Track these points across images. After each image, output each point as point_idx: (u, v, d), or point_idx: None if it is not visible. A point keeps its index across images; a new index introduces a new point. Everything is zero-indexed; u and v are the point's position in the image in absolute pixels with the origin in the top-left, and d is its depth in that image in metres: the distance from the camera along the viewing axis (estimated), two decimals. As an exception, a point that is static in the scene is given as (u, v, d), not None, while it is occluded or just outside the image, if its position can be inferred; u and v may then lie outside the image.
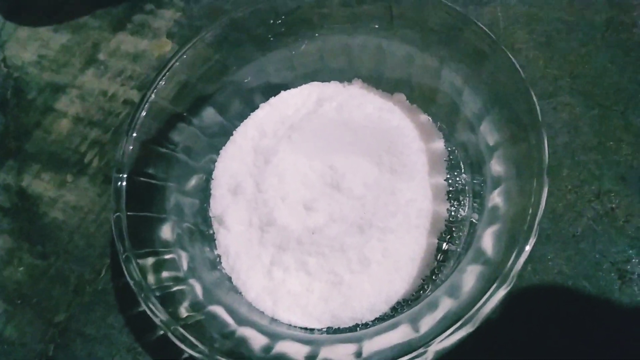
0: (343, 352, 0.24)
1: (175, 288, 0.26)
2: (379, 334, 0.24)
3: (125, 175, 0.27)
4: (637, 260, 0.29)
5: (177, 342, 0.24)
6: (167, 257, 0.27)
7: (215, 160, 0.32)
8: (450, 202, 0.30)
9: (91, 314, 0.32)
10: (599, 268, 0.29)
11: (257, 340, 0.25)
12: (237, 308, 0.27)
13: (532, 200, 0.22)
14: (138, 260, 0.26)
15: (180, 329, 0.24)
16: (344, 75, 0.33)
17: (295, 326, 0.28)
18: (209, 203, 0.31)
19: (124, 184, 0.27)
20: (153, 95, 0.28)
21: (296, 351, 0.24)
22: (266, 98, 0.33)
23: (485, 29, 0.25)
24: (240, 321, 0.26)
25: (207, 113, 0.31)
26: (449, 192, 0.30)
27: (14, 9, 0.43)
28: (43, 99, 0.39)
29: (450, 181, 0.30)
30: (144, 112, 0.28)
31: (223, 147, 0.32)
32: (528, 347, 0.28)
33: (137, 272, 0.25)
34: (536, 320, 0.28)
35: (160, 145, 0.29)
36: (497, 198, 0.25)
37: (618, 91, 0.33)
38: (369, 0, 0.29)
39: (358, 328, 0.28)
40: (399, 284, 0.28)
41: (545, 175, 0.23)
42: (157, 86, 0.28)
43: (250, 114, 0.33)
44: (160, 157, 0.29)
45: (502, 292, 0.22)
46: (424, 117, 0.31)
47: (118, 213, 0.26)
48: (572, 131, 0.32)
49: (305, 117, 0.31)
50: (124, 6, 0.41)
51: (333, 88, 0.33)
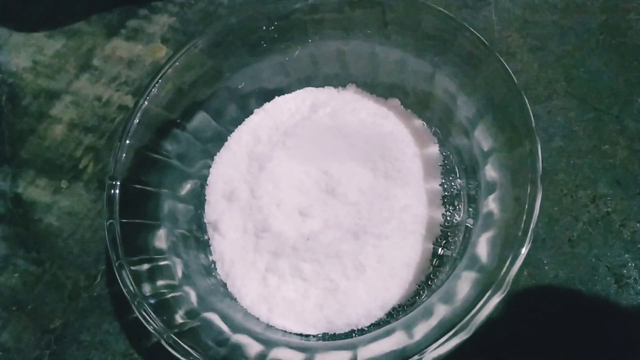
0: (338, 359, 0.24)
1: (170, 295, 0.26)
2: (373, 341, 0.24)
3: (118, 183, 0.27)
4: (633, 264, 0.29)
5: (171, 350, 0.24)
6: (161, 264, 0.27)
7: (209, 166, 0.32)
8: (446, 207, 0.30)
9: (87, 320, 0.32)
10: (595, 272, 0.29)
11: (252, 348, 0.25)
12: (232, 315, 0.27)
13: (526, 207, 0.22)
14: (132, 268, 0.26)
15: (174, 337, 0.24)
16: (338, 81, 0.33)
17: (291, 332, 0.28)
18: (204, 209, 0.31)
19: (117, 191, 0.27)
20: (146, 102, 0.28)
21: (291, 358, 0.24)
22: (260, 104, 0.33)
23: (478, 35, 0.25)
24: (235, 328, 0.26)
25: (201, 119, 0.31)
26: (444, 197, 0.30)
27: (8, 14, 0.43)
28: (38, 105, 0.39)
29: (445, 186, 0.30)
30: (136, 119, 0.28)
31: (217, 153, 0.32)
32: (525, 352, 0.28)
33: (130, 279, 0.25)
34: (533, 325, 0.28)
35: (154, 152, 0.29)
36: (491, 204, 0.25)
37: (613, 95, 0.33)
38: (362, 6, 0.28)
39: (354, 334, 0.27)
40: (394, 290, 0.28)
41: (540, 182, 0.23)
42: (150, 93, 0.28)
43: (244, 120, 0.33)
44: (154, 163, 0.29)
45: (496, 299, 0.22)
46: (419, 122, 0.31)
47: (111, 220, 0.26)
48: (567, 135, 0.32)
49: (299, 123, 0.31)
50: (118, 12, 0.41)
51: (327, 93, 0.33)
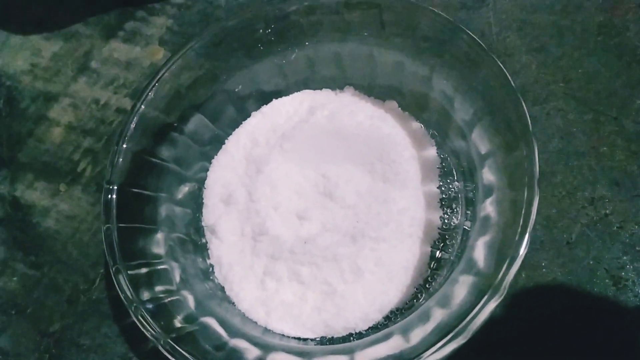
0: (335, 364, 0.24)
1: (168, 300, 0.26)
2: (371, 345, 0.24)
3: (115, 187, 0.27)
4: (631, 267, 0.29)
5: (168, 355, 0.24)
6: (159, 268, 0.27)
7: (207, 169, 0.32)
8: (443, 209, 0.30)
9: (85, 323, 0.32)
10: (594, 274, 0.29)
11: (250, 352, 0.25)
12: (230, 319, 0.27)
13: (523, 211, 0.22)
14: (129, 272, 0.26)
15: (171, 342, 0.24)
16: (336, 83, 0.33)
17: (289, 336, 0.28)
18: (202, 213, 0.31)
19: (114, 195, 0.27)
20: (143, 106, 0.28)
21: (288, 363, 0.24)
22: (258, 106, 0.33)
23: (475, 38, 0.25)
24: (233, 333, 0.26)
25: (198, 122, 0.31)
26: (441, 199, 0.30)
27: (5, 17, 0.43)
28: (35, 108, 0.39)
29: (443, 189, 0.30)
30: (133, 123, 0.28)
31: (215, 156, 0.32)
32: (523, 354, 0.28)
33: (127, 284, 0.25)
34: (531, 326, 0.28)
35: (151, 156, 0.29)
36: (488, 207, 0.25)
37: (611, 96, 0.33)
38: (359, 8, 0.28)
39: (352, 337, 0.27)
40: (392, 293, 0.28)
41: (537, 186, 0.23)
42: (147, 97, 0.28)
43: (242, 123, 0.33)
44: (151, 167, 0.29)
45: (493, 304, 0.21)
46: (416, 125, 0.31)
47: (108, 225, 0.26)
48: (566, 137, 0.32)
49: (297, 126, 0.31)
50: (116, 14, 0.41)
51: (325, 96, 0.32)
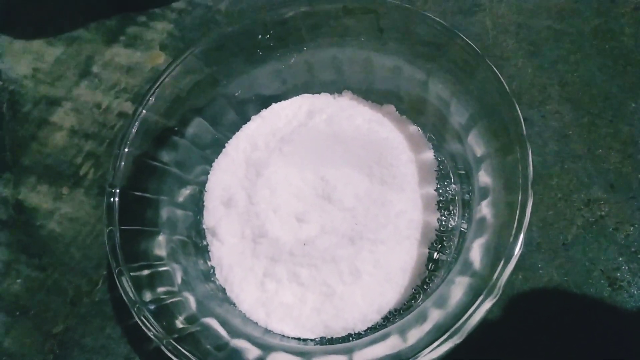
0: (334, 364, 0.24)
1: (170, 301, 0.27)
2: (369, 345, 0.24)
3: (117, 191, 0.27)
4: (626, 268, 0.29)
5: (170, 355, 0.24)
6: (160, 270, 0.28)
7: (207, 172, 0.33)
8: (441, 211, 0.30)
9: (89, 324, 0.33)
10: (589, 275, 0.29)
11: (250, 352, 0.25)
12: (231, 320, 0.27)
13: (517, 213, 0.22)
14: (132, 274, 0.26)
15: (173, 342, 0.24)
16: (334, 87, 0.33)
17: (289, 337, 0.28)
18: (202, 215, 0.32)
19: (117, 199, 0.27)
20: (144, 111, 0.29)
21: (288, 363, 0.24)
22: (257, 110, 0.33)
23: (470, 43, 0.26)
24: (234, 333, 0.26)
25: (198, 126, 0.31)
26: (439, 202, 0.30)
27: (8, 22, 0.43)
28: (38, 112, 0.40)
29: (440, 191, 0.30)
30: (134, 128, 0.28)
31: (215, 160, 0.33)
32: (520, 355, 0.28)
33: (130, 286, 0.25)
34: (527, 327, 0.29)
35: (153, 159, 0.30)
36: (484, 209, 0.25)
37: (606, 99, 0.33)
38: (357, 14, 0.29)
39: (350, 338, 0.28)
40: (390, 294, 0.28)
41: (530, 189, 0.23)
42: (148, 102, 0.29)
43: (242, 126, 0.33)
44: (153, 170, 0.30)
45: (488, 304, 0.22)
46: (414, 128, 0.32)
47: (111, 228, 0.27)
48: (562, 139, 0.32)
49: (296, 130, 0.32)
50: (117, 19, 0.42)
51: (323, 100, 0.33)
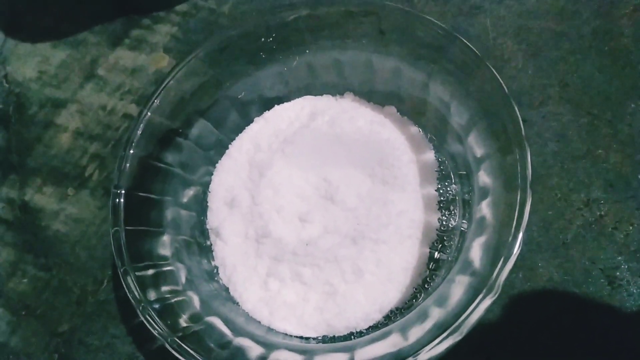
0: (336, 361, 0.24)
1: (174, 300, 0.27)
2: (370, 343, 0.25)
3: (123, 192, 0.28)
4: (625, 267, 0.30)
5: (175, 353, 0.25)
6: (165, 269, 0.28)
7: (211, 173, 0.33)
8: (442, 211, 0.30)
9: (94, 324, 0.33)
10: (589, 275, 0.30)
11: (253, 350, 0.26)
12: (234, 318, 0.28)
13: (516, 213, 0.23)
14: (137, 274, 0.26)
15: (177, 341, 0.24)
16: (336, 89, 0.34)
17: (291, 335, 0.28)
18: (206, 216, 0.32)
19: (122, 199, 0.28)
20: (149, 113, 0.29)
21: (290, 360, 0.25)
22: (260, 112, 0.34)
23: (470, 46, 0.26)
24: (237, 332, 0.26)
25: (202, 127, 0.32)
26: (440, 202, 0.31)
27: (14, 25, 0.44)
28: (44, 114, 0.40)
29: (441, 191, 0.31)
30: (139, 130, 0.29)
31: (219, 161, 0.33)
32: (520, 353, 0.29)
33: (135, 285, 0.26)
34: (527, 326, 0.29)
35: (157, 160, 0.30)
36: (484, 209, 0.26)
37: (606, 99, 0.33)
38: (358, 17, 0.29)
39: (352, 336, 0.28)
40: (392, 294, 0.28)
41: (529, 189, 0.23)
42: (153, 104, 0.29)
43: (245, 128, 0.34)
44: (157, 171, 0.30)
45: (488, 302, 0.22)
46: (415, 129, 0.32)
47: (117, 228, 0.27)
48: (561, 140, 0.33)
49: (298, 131, 0.32)
50: (122, 22, 0.42)
51: (325, 102, 0.33)
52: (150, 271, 0.27)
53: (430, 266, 0.29)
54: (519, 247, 0.23)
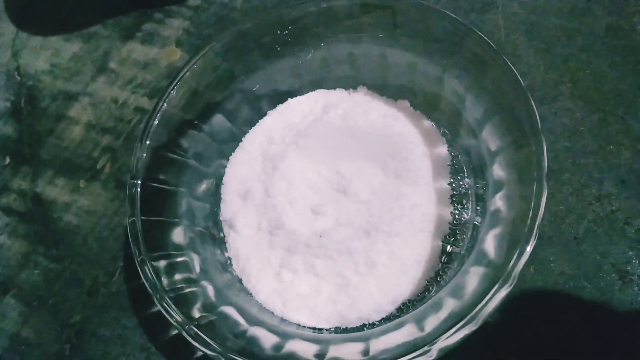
0: (351, 351, 0.24)
1: (188, 290, 0.27)
2: (385, 333, 0.25)
3: (139, 182, 0.28)
4: (637, 262, 0.30)
5: (191, 340, 0.25)
6: (179, 259, 0.28)
7: (224, 166, 0.33)
8: (454, 205, 0.31)
9: (105, 315, 0.33)
10: (600, 269, 0.30)
11: (268, 339, 0.26)
12: (248, 309, 0.28)
13: (532, 204, 0.23)
14: (152, 263, 0.27)
15: (194, 329, 0.25)
16: (349, 83, 0.34)
17: (304, 326, 0.29)
18: (220, 207, 0.32)
19: (139, 190, 0.28)
20: (165, 104, 0.29)
21: (306, 350, 0.25)
22: (274, 105, 0.34)
23: (485, 39, 0.26)
24: (251, 321, 0.27)
25: (216, 120, 0.32)
26: (452, 195, 0.31)
27: (27, 18, 0.44)
28: (56, 107, 0.40)
29: (453, 185, 0.31)
30: (156, 120, 0.29)
31: (232, 153, 0.33)
32: (530, 346, 0.29)
33: (151, 274, 0.26)
34: (538, 319, 0.29)
35: (172, 152, 0.30)
36: (498, 202, 0.26)
37: (617, 96, 0.34)
38: (373, 10, 0.29)
39: (365, 328, 0.28)
40: (404, 286, 0.29)
41: (545, 181, 0.23)
42: (169, 95, 0.29)
43: (258, 121, 0.34)
44: (172, 163, 0.30)
45: (503, 292, 0.22)
46: (428, 123, 0.32)
47: (133, 218, 0.27)
48: (573, 136, 0.33)
49: (311, 124, 0.32)
50: (134, 15, 0.42)
51: (338, 95, 0.33)
52: (165, 261, 0.27)
53: (443, 259, 0.30)
54: (535, 238, 0.23)
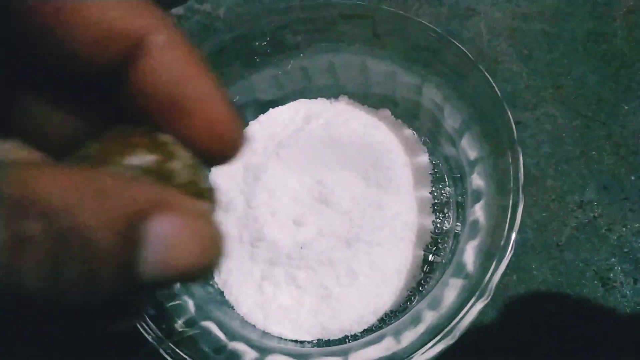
0: (330, 365, 0.24)
1: (169, 305, 0.27)
2: (364, 347, 0.25)
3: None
4: (619, 268, 0.30)
5: (169, 358, 0.25)
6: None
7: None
8: (435, 214, 0.30)
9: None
10: (583, 276, 0.30)
11: (248, 355, 0.26)
12: (229, 322, 0.28)
13: (508, 217, 0.23)
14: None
15: (172, 346, 0.24)
16: (331, 92, 0.34)
17: (286, 339, 0.28)
18: (201, 219, 0.32)
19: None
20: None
21: (285, 364, 0.25)
22: (255, 115, 0.34)
23: (463, 49, 0.26)
24: (232, 336, 0.26)
25: (197, 131, 0.32)
26: (434, 204, 0.31)
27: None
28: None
29: (435, 194, 0.31)
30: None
31: (214, 164, 0.33)
32: (514, 354, 0.29)
33: (130, 290, 0.26)
34: (521, 328, 0.29)
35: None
36: (477, 212, 0.26)
37: (600, 101, 0.34)
38: (353, 20, 0.29)
39: (347, 339, 0.28)
40: (386, 296, 0.29)
41: (522, 192, 0.23)
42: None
43: (240, 131, 0.34)
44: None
45: (480, 305, 0.22)
46: (409, 132, 0.32)
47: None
48: (555, 142, 0.33)
49: (293, 134, 0.32)
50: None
51: (320, 105, 0.33)
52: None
53: (425, 269, 0.29)
54: (511, 250, 0.23)
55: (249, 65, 0.32)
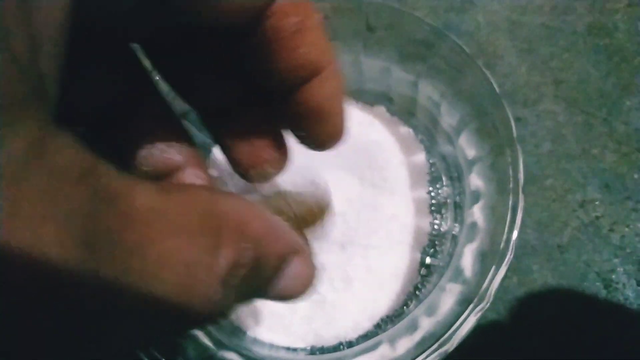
0: (323, 375, 0.23)
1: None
2: (359, 355, 0.24)
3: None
4: (621, 269, 0.29)
5: (155, 368, 0.24)
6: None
7: (196, 178, 0.32)
8: (433, 215, 0.29)
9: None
10: (585, 278, 0.29)
11: (238, 363, 0.25)
12: (217, 330, 0.27)
13: (508, 219, 0.22)
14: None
15: (156, 354, 0.23)
16: (324, 89, 0.33)
17: (278, 346, 0.27)
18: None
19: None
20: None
21: (276, 374, 0.24)
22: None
23: (459, 44, 0.25)
24: (221, 345, 0.25)
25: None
26: (431, 205, 0.30)
27: None
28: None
29: (432, 194, 0.30)
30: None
31: (203, 165, 0.32)
32: (514, 358, 0.28)
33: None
34: (522, 331, 0.28)
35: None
36: (476, 214, 0.25)
37: (601, 97, 0.33)
38: (346, 15, 0.28)
39: (341, 346, 0.27)
40: (382, 302, 0.28)
41: (521, 193, 0.22)
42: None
43: (230, 131, 0.33)
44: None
45: (479, 313, 0.21)
46: (405, 130, 0.31)
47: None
48: (556, 139, 0.32)
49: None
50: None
51: (313, 102, 0.32)
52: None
53: (422, 272, 0.28)
54: (511, 254, 0.22)
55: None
